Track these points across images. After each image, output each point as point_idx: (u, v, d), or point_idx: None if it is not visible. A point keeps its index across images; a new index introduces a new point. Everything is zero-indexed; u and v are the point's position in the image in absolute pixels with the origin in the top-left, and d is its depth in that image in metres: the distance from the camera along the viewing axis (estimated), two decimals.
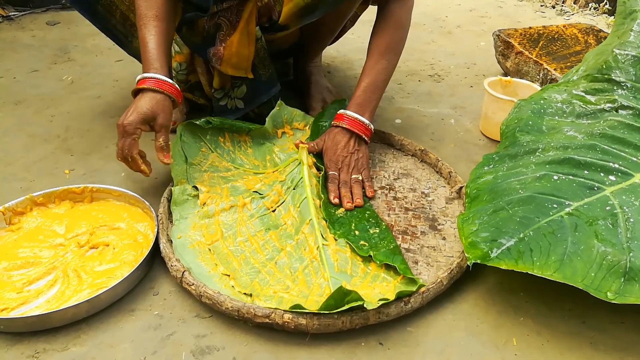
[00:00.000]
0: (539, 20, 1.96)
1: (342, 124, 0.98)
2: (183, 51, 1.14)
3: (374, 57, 1.02)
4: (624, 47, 0.96)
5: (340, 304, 0.68)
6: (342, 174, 0.96)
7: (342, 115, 1.00)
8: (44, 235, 0.85)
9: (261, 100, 1.14)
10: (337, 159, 0.97)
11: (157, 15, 0.93)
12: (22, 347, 0.69)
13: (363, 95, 1.00)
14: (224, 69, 1.07)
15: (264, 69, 1.12)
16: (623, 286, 0.66)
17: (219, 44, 1.05)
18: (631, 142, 0.83)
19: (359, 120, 0.98)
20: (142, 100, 0.88)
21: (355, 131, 0.98)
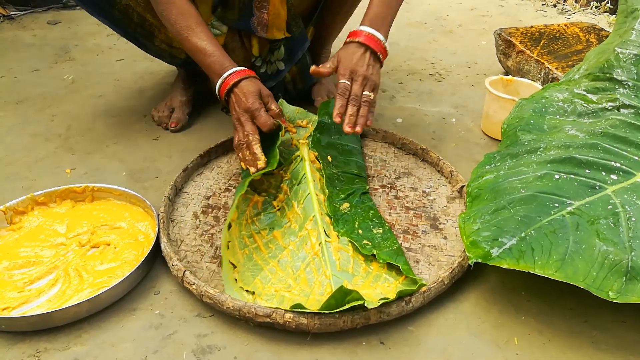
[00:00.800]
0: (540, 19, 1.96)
1: (357, 39, 0.92)
2: (222, 31, 1.12)
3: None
4: (626, 45, 0.96)
5: (341, 303, 0.68)
6: (355, 86, 0.90)
7: (357, 31, 0.93)
8: (45, 235, 0.85)
9: (297, 57, 1.18)
10: (354, 67, 0.90)
11: (197, 21, 0.96)
12: (24, 347, 0.69)
13: (377, 9, 0.94)
14: (270, 34, 1.09)
15: (296, 25, 1.14)
16: (625, 285, 0.66)
17: (259, 12, 1.06)
18: (633, 141, 0.83)
19: (375, 37, 0.92)
20: (244, 87, 0.90)
21: (371, 47, 0.92)
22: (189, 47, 0.95)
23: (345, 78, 0.90)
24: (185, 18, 0.95)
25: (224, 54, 0.95)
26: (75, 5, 1.94)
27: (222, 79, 0.92)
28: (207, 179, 1.01)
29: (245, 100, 0.89)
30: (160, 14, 0.97)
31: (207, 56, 0.93)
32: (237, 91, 0.91)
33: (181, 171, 0.98)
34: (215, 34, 1.10)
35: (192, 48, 0.95)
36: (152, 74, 1.47)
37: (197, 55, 0.95)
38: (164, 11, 0.96)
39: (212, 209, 0.93)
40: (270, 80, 1.18)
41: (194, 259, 0.82)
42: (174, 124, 1.17)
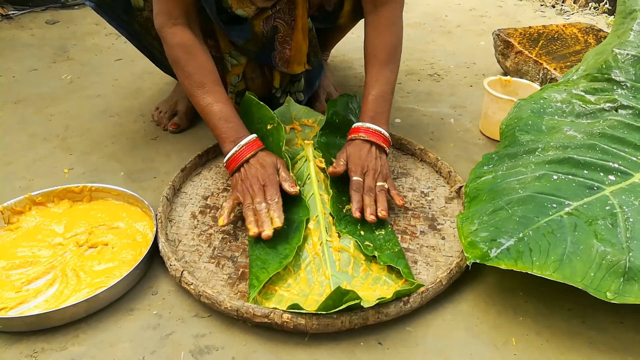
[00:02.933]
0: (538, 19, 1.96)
1: (360, 136, 0.93)
2: (240, 62, 1.10)
3: (375, 67, 0.97)
4: (624, 46, 0.96)
5: (338, 304, 0.68)
6: (368, 179, 0.89)
7: (357, 128, 0.94)
8: (42, 235, 0.85)
9: (315, 87, 1.19)
10: (363, 163, 0.90)
11: (215, 80, 0.92)
12: (21, 347, 0.69)
13: (374, 106, 0.95)
14: (292, 69, 1.09)
15: (315, 56, 1.15)
16: (622, 286, 0.66)
17: (281, 47, 1.06)
18: (631, 141, 0.83)
19: (376, 131, 0.93)
20: (262, 158, 0.88)
21: (374, 141, 0.92)
22: (202, 104, 0.91)
23: (357, 175, 0.89)
24: (204, 74, 0.91)
25: (239, 120, 0.91)
26: (73, 5, 1.94)
27: (238, 147, 0.88)
28: (206, 179, 1.01)
29: (262, 170, 0.86)
30: (175, 62, 0.92)
31: (221, 120, 0.90)
32: (254, 162, 0.88)
33: (179, 171, 0.98)
34: (233, 64, 1.10)
35: (205, 107, 0.91)
36: (150, 73, 1.46)
37: (211, 117, 0.90)
38: (180, 60, 0.91)
39: (210, 209, 0.93)
40: None
41: (192, 259, 0.82)
42: (174, 125, 1.16)
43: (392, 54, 0.99)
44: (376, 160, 0.91)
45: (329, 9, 1.08)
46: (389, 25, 0.99)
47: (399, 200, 0.88)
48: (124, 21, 1.04)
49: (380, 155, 0.93)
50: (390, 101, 0.98)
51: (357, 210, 0.85)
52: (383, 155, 0.93)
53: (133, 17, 1.02)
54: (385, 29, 0.98)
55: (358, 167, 0.90)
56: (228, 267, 0.81)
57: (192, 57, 0.91)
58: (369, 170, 0.90)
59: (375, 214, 0.84)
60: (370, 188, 0.88)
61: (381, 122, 0.95)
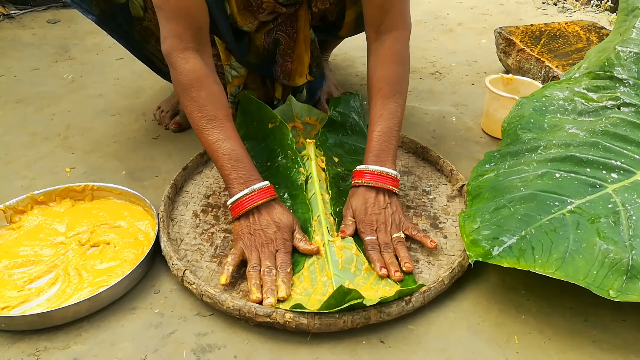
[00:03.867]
0: (540, 17, 1.96)
1: (364, 182, 0.85)
2: (241, 73, 1.07)
3: (379, 101, 0.89)
4: (626, 44, 0.96)
5: (340, 303, 0.67)
6: (381, 235, 0.82)
7: (361, 172, 0.86)
8: (44, 234, 0.85)
9: (317, 97, 1.17)
10: (371, 220, 0.83)
11: (227, 116, 0.84)
12: (23, 346, 0.69)
13: (379, 144, 0.87)
14: (293, 82, 1.07)
15: (317, 66, 1.13)
16: (625, 284, 0.66)
17: (283, 59, 1.04)
18: (633, 139, 0.83)
19: (382, 173, 0.85)
20: (277, 212, 0.81)
21: (381, 186, 0.84)
22: (211, 140, 0.82)
23: (368, 234, 0.82)
24: (216, 107, 0.83)
25: (252, 163, 0.84)
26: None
27: (249, 190, 0.80)
28: (207, 177, 1.01)
29: (278, 232, 0.79)
30: (185, 91, 0.84)
31: (232, 160, 0.81)
32: (266, 214, 0.80)
33: (181, 170, 0.98)
34: (233, 76, 1.08)
35: (214, 143, 0.82)
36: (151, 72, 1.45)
37: (219, 155, 0.82)
38: (192, 90, 0.83)
39: (212, 208, 0.93)
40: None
41: (194, 258, 0.82)
42: (175, 124, 1.16)
43: (397, 86, 0.91)
44: (385, 211, 0.84)
45: (331, 19, 1.07)
46: (394, 55, 0.92)
47: (430, 243, 0.81)
48: (125, 32, 1.02)
49: (390, 201, 0.85)
50: (397, 137, 0.89)
51: (382, 268, 0.77)
52: (393, 198, 0.86)
53: (133, 27, 1.01)
54: (390, 59, 0.91)
55: (367, 225, 0.83)
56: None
57: (205, 87, 0.83)
58: (379, 225, 0.82)
59: (399, 270, 0.77)
60: (386, 244, 0.81)
61: (387, 160, 0.87)
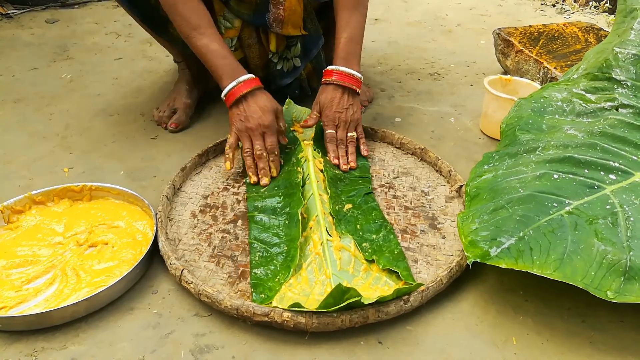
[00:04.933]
0: (539, 18, 1.96)
1: (333, 80, 1.00)
2: (235, 25, 1.10)
3: (345, 12, 1.02)
4: (625, 45, 0.96)
5: (339, 302, 0.68)
6: (339, 132, 1.00)
7: (330, 71, 1.01)
8: (42, 234, 0.85)
9: (312, 55, 1.20)
10: (334, 116, 1.00)
11: (209, 22, 0.98)
12: (21, 346, 0.69)
13: (346, 49, 1.01)
14: (286, 31, 1.10)
15: (312, 23, 1.15)
16: (623, 285, 0.66)
17: (275, 7, 1.07)
18: (631, 140, 0.83)
19: (347, 74, 1.00)
20: (262, 99, 0.96)
21: (347, 85, 1.00)
22: (199, 45, 0.96)
23: (330, 128, 1.01)
24: (198, 17, 0.96)
25: (235, 59, 0.98)
26: (73, 4, 1.94)
27: (236, 82, 0.95)
28: (206, 178, 1.01)
29: (264, 116, 0.95)
30: (171, 6, 0.97)
31: (219, 58, 0.96)
32: (252, 102, 0.95)
33: (179, 170, 0.98)
34: (226, 27, 1.10)
35: (202, 47, 0.96)
36: (150, 72, 1.46)
37: (208, 56, 0.96)
38: (177, 4, 0.95)
39: (210, 208, 0.93)
40: (286, 77, 1.19)
41: (192, 258, 0.82)
42: (174, 124, 1.16)
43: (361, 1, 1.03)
44: (347, 110, 1.00)
45: None
46: None
47: (364, 151, 1.03)
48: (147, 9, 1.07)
49: (352, 102, 1.01)
50: (361, 44, 1.04)
51: (335, 158, 0.99)
52: (355, 98, 1.02)
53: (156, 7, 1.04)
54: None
55: (330, 120, 1.01)
56: (228, 266, 0.81)
57: (187, 2, 0.95)
58: (340, 122, 1.00)
59: (347, 163, 0.99)
60: (342, 140, 1.01)
61: (353, 63, 1.01)
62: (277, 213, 0.88)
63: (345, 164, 0.99)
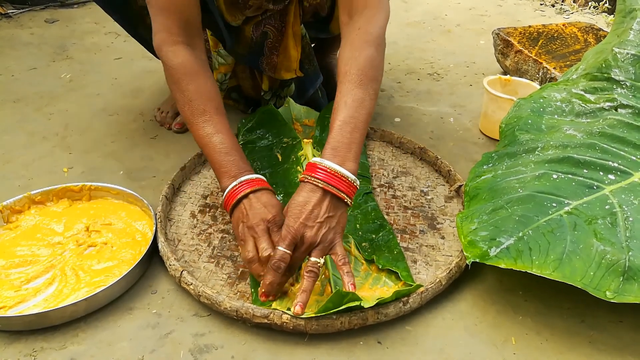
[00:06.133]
0: (538, 18, 1.96)
1: (313, 180, 0.72)
2: (228, 62, 1.09)
3: (346, 86, 0.77)
4: (624, 45, 0.96)
5: (338, 306, 0.67)
6: (296, 254, 0.71)
7: (314, 165, 0.73)
8: (42, 234, 0.85)
9: (309, 94, 1.16)
10: (298, 230, 0.70)
11: (218, 108, 0.82)
12: (20, 346, 0.69)
13: (339, 136, 0.74)
14: (278, 75, 1.07)
15: (309, 63, 1.12)
16: (622, 285, 0.66)
17: (270, 52, 1.04)
18: (630, 140, 0.83)
19: (338, 174, 0.72)
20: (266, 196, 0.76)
21: (330, 190, 0.71)
22: (202, 134, 0.80)
23: (285, 243, 0.70)
24: (206, 100, 0.81)
25: (242, 154, 0.81)
26: (72, 4, 1.94)
27: (238, 182, 0.76)
28: (205, 177, 1.01)
29: (267, 211, 0.74)
30: (175, 85, 0.82)
31: (222, 154, 0.78)
32: (255, 200, 0.75)
33: (179, 170, 0.98)
34: (220, 63, 1.09)
35: (204, 137, 0.80)
36: (149, 72, 1.46)
37: (210, 148, 0.79)
38: (181, 84, 0.81)
39: (209, 208, 0.93)
40: None
41: (192, 259, 0.82)
42: (178, 125, 1.16)
43: (366, 70, 0.77)
44: (320, 226, 0.71)
45: (322, 14, 1.08)
46: (364, 35, 0.79)
47: (348, 285, 0.69)
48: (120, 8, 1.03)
49: (333, 214, 0.72)
50: (363, 130, 0.76)
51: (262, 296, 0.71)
52: (339, 210, 0.73)
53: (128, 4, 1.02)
54: (360, 40, 0.79)
55: (289, 233, 0.70)
56: (227, 267, 0.81)
57: (194, 81, 0.81)
58: (302, 241, 0.71)
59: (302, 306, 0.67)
60: (291, 267, 0.72)
61: (346, 158, 0.73)
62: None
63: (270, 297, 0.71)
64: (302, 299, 0.68)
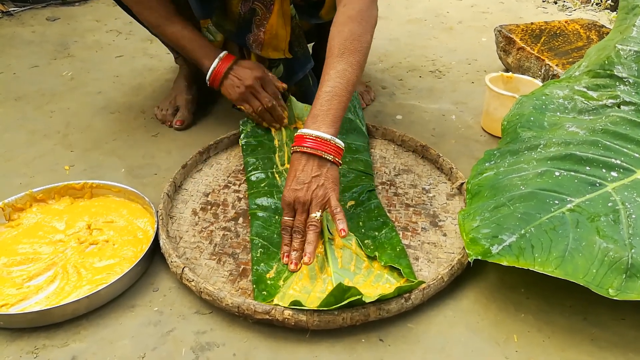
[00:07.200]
0: (540, 15, 1.95)
1: (295, 148, 0.81)
2: (217, 39, 1.11)
3: (329, 59, 0.84)
4: (627, 42, 0.95)
5: (340, 300, 0.67)
6: (297, 215, 0.79)
7: (297, 136, 0.81)
8: (43, 231, 0.85)
9: (298, 78, 1.16)
10: (289, 196, 0.79)
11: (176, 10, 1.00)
12: (22, 343, 0.69)
13: (319, 105, 0.81)
14: (265, 53, 1.08)
15: (299, 46, 1.13)
16: (624, 282, 0.66)
17: (257, 29, 1.05)
18: (633, 138, 0.83)
19: (317, 138, 0.78)
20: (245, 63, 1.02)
21: (312, 152, 0.78)
22: (171, 31, 0.99)
23: (286, 212, 0.80)
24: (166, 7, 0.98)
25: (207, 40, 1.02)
26: (74, 2, 1.94)
27: (218, 59, 0.99)
28: (206, 175, 1.01)
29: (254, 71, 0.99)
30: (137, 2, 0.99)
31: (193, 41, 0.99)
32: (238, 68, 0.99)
33: (180, 168, 0.98)
34: (209, 39, 1.09)
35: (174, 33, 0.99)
36: (151, 70, 1.46)
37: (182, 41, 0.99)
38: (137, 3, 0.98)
39: (211, 206, 0.93)
40: None
41: (193, 256, 0.82)
42: (179, 122, 1.16)
43: (347, 43, 0.83)
44: (308, 186, 0.78)
45: None
46: (351, 13, 0.86)
47: (341, 231, 0.76)
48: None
49: (319, 173, 0.79)
50: (342, 97, 0.81)
51: (284, 257, 0.79)
52: (324, 168, 0.79)
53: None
54: (345, 17, 0.86)
55: (285, 203, 0.80)
56: (229, 264, 0.81)
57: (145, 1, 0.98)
58: (296, 204, 0.79)
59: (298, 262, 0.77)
60: (297, 229, 0.79)
61: (323, 123, 0.79)
62: (279, 210, 0.88)
63: (294, 262, 0.77)
64: (309, 249, 0.76)
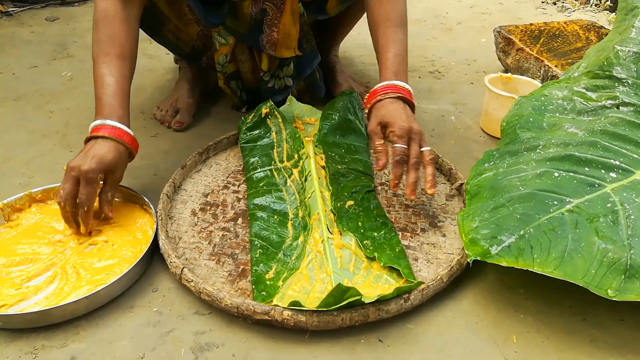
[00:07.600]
0: (540, 16, 1.96)
1: (389, 94, 0.88)
2: (229, 42, 1.10)
3: (390, 29, 0.94)
4: (626, 43, 0.95)
5: (339, 300, 0.68)
6: (414, 146, 0.83)
7: (384, 86, 0.89)
8: (42, 232, 0.85)
9: (306, 74, 1.18)
10: (410, 125, 0.84)
11: (121, 55, 0.87)
12: (21, 344, 0.69)
13: (395, 64, 0.91)
14: (279, 53, 1.08)
15: (308, 42, 1.14)
16: (624, 283, 0.66)
17: (269, 29, 1.05)
18: (632, 138, 0.83)
19: (402, 87, 0.89)
20: (104, 148, 0.80)
21: (406, 98, 0.88)
22: (98, 73, 0.86)
23: (403, 141, 0.83)
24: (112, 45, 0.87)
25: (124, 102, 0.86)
26: (73, 2, 1.94)
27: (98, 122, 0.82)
28: (206, 176, 1.01)
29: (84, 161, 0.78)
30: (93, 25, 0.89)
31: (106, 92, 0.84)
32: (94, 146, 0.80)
33: (179, 168, 0.98)
34: (221, 43, 1.09)
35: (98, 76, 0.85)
36: (150, 70, 1.46)
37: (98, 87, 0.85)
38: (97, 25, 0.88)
39: (210, 206, 0.93)
40: (277, 95, 1.18)
41: (192, 256, 0.82)
42: (178, 123, 1.16)
43: (403, 18, 0.97)
44: (415, 122, 0.85)
45: None
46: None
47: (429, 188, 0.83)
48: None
49: (410, 113, 0.88)
50: (407, 63, 0.94)
51: (396, 187, 0.85)
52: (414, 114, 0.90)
53: None
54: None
55: (404, 131, 0.83)
56: (228, 265, 0.81)
57: (109, 25, 0.87)
58: (413, 135, 0.84)
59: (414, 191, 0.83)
60: (416, 161, 0.83)
61: (405, 78, 0.91)
62: (278, 211, 0.88)
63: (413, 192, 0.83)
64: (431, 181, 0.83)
